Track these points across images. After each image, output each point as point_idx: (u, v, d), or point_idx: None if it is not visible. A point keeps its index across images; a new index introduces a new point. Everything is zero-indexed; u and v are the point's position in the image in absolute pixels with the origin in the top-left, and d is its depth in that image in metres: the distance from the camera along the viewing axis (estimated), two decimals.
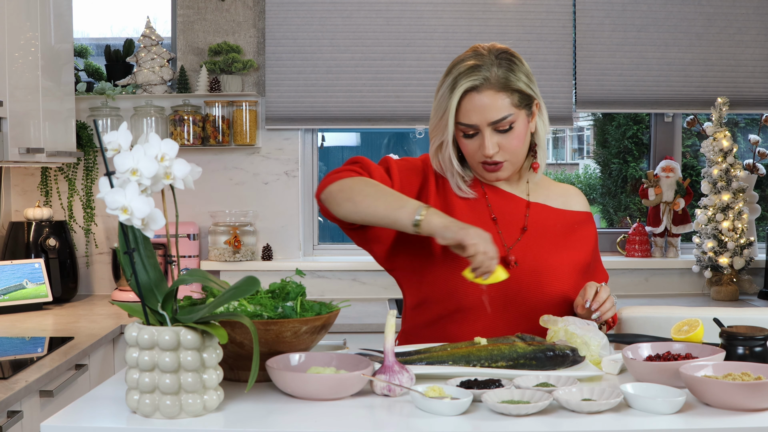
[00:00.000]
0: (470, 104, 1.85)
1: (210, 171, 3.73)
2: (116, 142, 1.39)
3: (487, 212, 1.96)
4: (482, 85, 1.84)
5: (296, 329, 1.56)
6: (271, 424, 1.37)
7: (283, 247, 3.79)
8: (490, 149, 1.86)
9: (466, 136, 1.88)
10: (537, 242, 1.94)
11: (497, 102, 1.84)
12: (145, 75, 3.62)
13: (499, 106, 1.84)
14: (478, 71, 1.84)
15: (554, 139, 6.19)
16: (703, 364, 1.51)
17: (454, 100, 1.85)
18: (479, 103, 1.84)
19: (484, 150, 1.86)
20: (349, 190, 1.82)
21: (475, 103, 1.84)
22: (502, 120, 1.85)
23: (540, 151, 1.97)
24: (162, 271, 1.42)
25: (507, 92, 1.85)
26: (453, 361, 1.62)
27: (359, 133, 5.20)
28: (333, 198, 1.84)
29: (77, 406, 1.46)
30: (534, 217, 1.97)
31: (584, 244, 2.01)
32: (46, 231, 3.47)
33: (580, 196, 2.08)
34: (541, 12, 3.72)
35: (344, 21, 3.72)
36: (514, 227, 1.95)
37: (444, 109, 1.87)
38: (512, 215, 1.97)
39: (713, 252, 3.59)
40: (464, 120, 1.86)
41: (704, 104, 3.75)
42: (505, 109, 1.85)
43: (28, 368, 2.33)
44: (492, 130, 1.86)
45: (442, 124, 1.88)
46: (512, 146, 1.88)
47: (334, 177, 1.86)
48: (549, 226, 1.97)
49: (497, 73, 1.84)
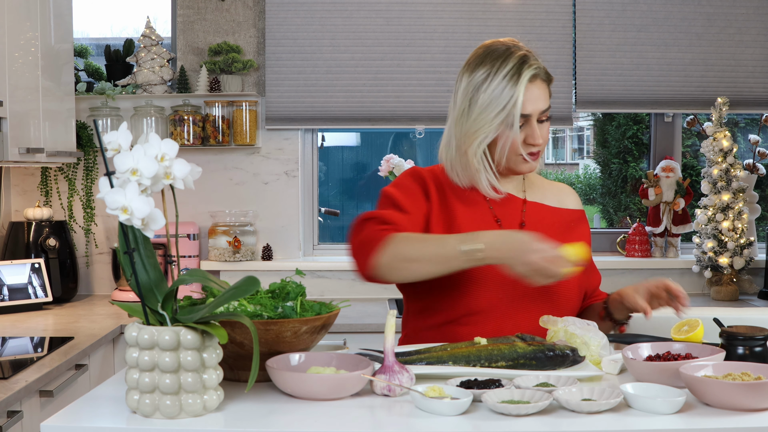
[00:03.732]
0: (530, 94, 1.86)
1: (210, 171, 3.73)
2: (116, 142, 1.39)
3: (490, 215, 1.95)
4: (537, 75, 1.87)
5: (296, 329, 1.56)
6: (271, 424, 1.37)
7: (283, 247, 3.79)
8: (540, 138, 1.88)
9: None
10: None
11: (545, 91, 1.90)
12: (145, 75, 3.62)
13: (545, 95, 1.90)
14: (533, 60, 1.88)
15: (554, 139, 6.19)
16: (703, 364, 1.51)
17: (521, 89, 1.84)
18: (536, 93, 1.87)
19: (534, 139, 1.87)
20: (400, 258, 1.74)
21: (534, 92, 1.87)
22: (547, 110, 1.89)
23: None
24: (162, 271, 1.42)
25: (549, 83, 1.92)
26: (453, 361, 1.62)
27: (359, 133, 5.21)
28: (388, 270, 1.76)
29: (77, 406, 1.46)
30: (531, 216, 1.98)
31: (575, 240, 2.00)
32: (46, 231, 3.47)
33: (573, 195, 2.09)
34: (541, 12, 3.72)
35: (344, 21, 3.72)
36: (514, 226, 1.96)
37: (507, 99, 1.83)
38: (512, 215, 1.97)
39: (713, 252, 3.59)
40: (524, 110, 1.86)
41: (704, 104, 3.75)
42: (548, 100, 1.91)
43: (28, 368, 2.33)
44: (538, 120, 1.88)
45: (501, 116, 1.84)
46: (546, 136, 1.93)
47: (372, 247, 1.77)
48: (546, 225, 1.97)
49: (541, 63, 1.89)
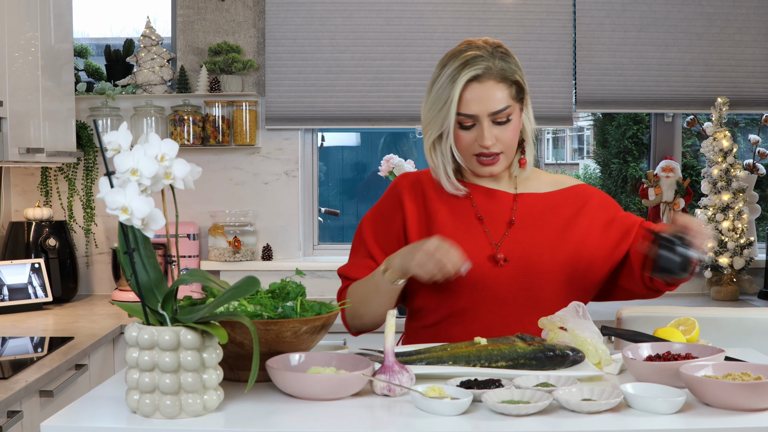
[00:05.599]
0: (472, 94, 1.85)
1: (210, 171, 3.73)
2: (116, 142, 1.39)
3: (472, 212, 1.95)
4: (484, 75, 1.84)
5: (296, 329, 1.56)
6: (271, 424, 1.37)
7: (283, 247, 3.79)
8: (489, 140, 1.85)
9: (463, 127, 1.88)
10: (527, 233, 1.92)
11: (498, 92, 1.85)
12: (145, 75, 3.62)
13: (499, 96, 1.85)
14: (480, 61, 1.85)
15: (554, 139, 6.19)
16: (703, 364, 1.51)
17: (457, 89, 1.85)
18: (481, 93, 1.84)
19: (483, 141, 1.86)
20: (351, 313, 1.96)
21: (477, 92, 1.84)
22: (502, 111, 1.85)
23: (528, 146, 1.96)
24: (162, 271, 1.42)
25: (506, 83, 1.86)
26: (453, 361, 1.62)
27: (359, 133, 5.21)
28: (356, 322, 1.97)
29: (77, 406, 1.46)
30: (522, 209, 1.95)
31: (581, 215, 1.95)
32: (46, 231, 3.47)
33: (574, 180, 2.05)
34: (541, 12, 3.72)
35: (344, 21, 3.72)
36: (500, 223, 1.94)
37: (445, 98, 1.86)
38: (499, 212, 1.95)
39: (713, 252, 3.59)
40: (464, 110, 1.86)
41: (704, 104, 3.75)
42: (505, 100, 1.85)
43: (28, 368, 2.33)
44: (490, 121, 1.86)
45: (442, 114, 1.87)
46: (508, 139, 1.88)
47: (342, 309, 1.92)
48: (539, 213, 1.95)
49: (497, 64, 1.85)
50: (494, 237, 1.92)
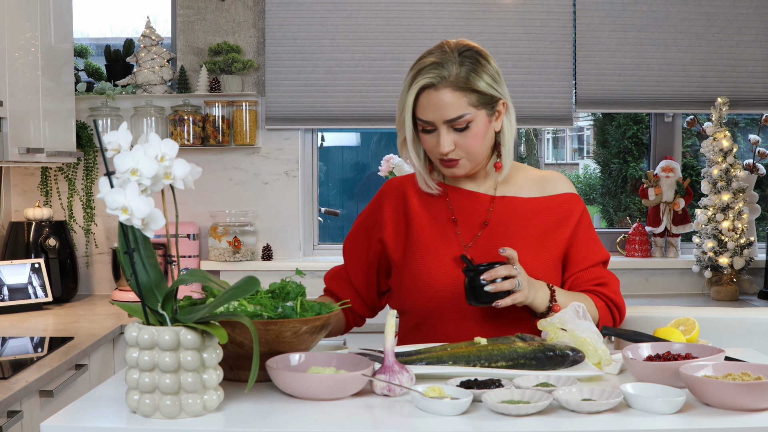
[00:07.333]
0: (427, 101, 1.85)
1: (210, 171, 3.73)
2: (116, 142, 1.39)
3: (447, 214, 1.96)
4: (439, 84, 1.83)
5: (296, 329, 1.56)
6: (271, 424, 1.37)
7: (283, 247, 3.79)
8: (445, 147, 1.85)
9: (425, 131, 1.89)
10: (500, 235, 1.91)
11: (453, 101, 1.83)
12: (145, 75, 3.62)
13: (455, 104, 1.83)
14: (436, 69, 1.83)
15: (554, 139, 6.19)
16: (703, 364, 1.51)
17: (411, 97, 1.86)
18: (435, 101, 1.84)
19: (439, 147, 1.86)
20: None
21: (432, 100, 1.84)
22: (458, 119, 1.84)
23: (505, 151, 1.93)
24: (162, 271, 1.42)
25: (464, 92, 1.83)
26: (453, 361, 1.62)
27: (359, 133, 5.21)
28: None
29: (77, 406, 1.46)
30: (498, 212, 1.94)
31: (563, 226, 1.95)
32: (46, 231, 3.47)
33: (560, 181, 2.01)
34: (541, 12, 3.72)
35: (344, 21, 3.72)
36: (474, 224, 1.94)
37: (403, 105, 1.88)
38: (474, 213, 1.95)
39: (713, 252, 3.59)
40: (422, 116, 1.87)
41: (704, 104, 3.75)
42: (462, 108, 1.83)
43: (28, 368, 2.33)
44: (448, 127, 1.85)
45: (402, 119, 1.90)
46: (468, 145, 1.86)
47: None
48: (517, 217, 1.94)
49: (457, 72, 1.83)
50: (466, 238, 1.93)
